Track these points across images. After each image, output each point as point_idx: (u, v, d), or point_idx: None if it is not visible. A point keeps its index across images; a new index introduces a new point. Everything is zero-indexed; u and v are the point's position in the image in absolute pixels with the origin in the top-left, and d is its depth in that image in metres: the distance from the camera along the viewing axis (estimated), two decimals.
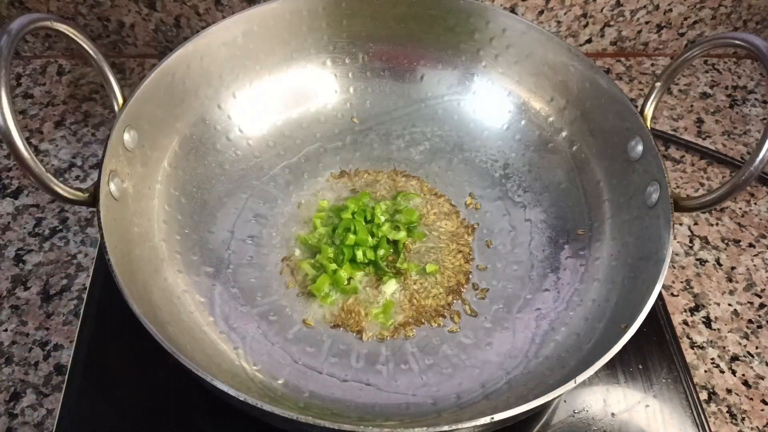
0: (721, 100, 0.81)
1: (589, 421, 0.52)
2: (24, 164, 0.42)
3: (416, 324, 0.55)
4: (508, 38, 0.63)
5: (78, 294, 0.59)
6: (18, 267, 0.60)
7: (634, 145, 0.55)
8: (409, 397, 0.50)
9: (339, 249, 0.57)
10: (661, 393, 0.54)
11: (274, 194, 0.62)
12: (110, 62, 0.56)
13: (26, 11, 0.76)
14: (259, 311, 0.55)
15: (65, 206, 0.65)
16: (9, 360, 0.55)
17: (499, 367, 0.52)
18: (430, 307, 0.56)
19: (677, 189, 0.71)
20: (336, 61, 0.67)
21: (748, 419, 0.55)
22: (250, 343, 0.52)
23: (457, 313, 0.56)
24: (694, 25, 0.83)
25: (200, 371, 0.40)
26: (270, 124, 0.65)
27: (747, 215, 0.69)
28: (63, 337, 0.56)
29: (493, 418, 0.40)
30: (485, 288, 0.58)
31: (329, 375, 0.51)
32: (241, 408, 0.43)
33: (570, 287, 0.56)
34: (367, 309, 0.55)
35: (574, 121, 0.62)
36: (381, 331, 0.54)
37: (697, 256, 0.66)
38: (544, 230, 0.61)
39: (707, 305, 0.62)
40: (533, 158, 0.64)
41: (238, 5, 0.76)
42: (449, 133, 0.67)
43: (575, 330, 0.53)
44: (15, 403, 0.52)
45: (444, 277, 0.58)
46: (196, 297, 0.54)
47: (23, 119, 0.73)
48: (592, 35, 0.83)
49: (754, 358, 0.59)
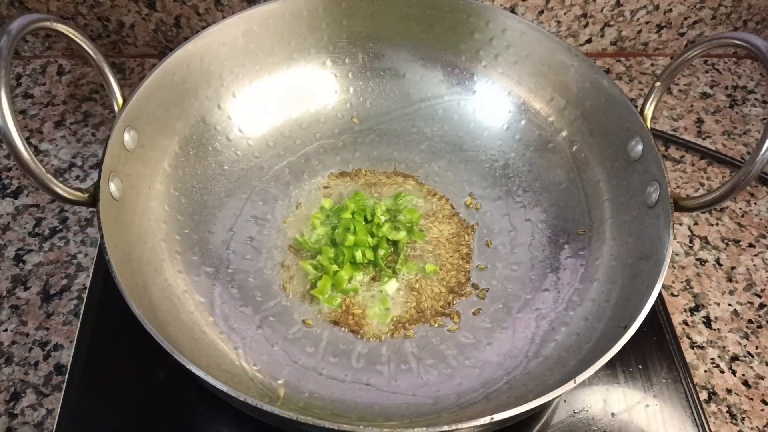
0: (721, 100, 0.81)
1: (589, 421, 0.52)
2: (24, 164, 0.42)
3: (416, 324, 0.55)
4: (508, 38, 0.63)
5: (78, 294, 0.59)
6: (18, 267, 0.60)
7: (634, 145, 0.55)
8: (409, 398, 0.50)
9: (339, 250, 0.57)
10: (661, 393, 0.54)
11: (274, 194, 0.62)
12: (110, 62, 0.56)
13: (26, 11, 0.76)
14: (258, 311, 0.55)
15: (65, 206, 0.65)
16: (9, 360, 0.55)
17: (498, 367, 0.52)
18: (430, 306, 0.56)
19: (677, 189, 0.71)
20: (336, 61, 0.67)
21: (748, 419, 0.55)
22: (249, 343, 0.52)
23: (457, 313, 0.56)
24: (694, 25, 0.83)
25: (200, 371, 0.40)
26: (270, 124, 0.65)
27: (747, 215, 0.69)
28: (63, 337, 0.56)
29: (493, 418, 0.40)
30: (485, 288, 0.58)
31: (329, 375, 0.51)
32: (241, 408, 0.43)
33: (570, 287, 0.56)
34: (367, 309, 0.55)
35: (574, 121, 0.62)
36: (381, 331, 0.55)
37: (697, 256, 0.66)
38: (544, 230, 0.61)
39: (707, 305, 0.62)
40: (533, 158, 0.64)
41: (238, 5, 0.76)
42: (449, 133, 0.67)
43: (575, 330, 0.53)
44: (15, 403, 0.52)
45: (444, 276, 0.58)
46: (196, 297, 0.54)
47: (23, 119, 0.73)
48: (592, 35, 0.83)
49: (754, 358, 0.59)
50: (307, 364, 0.52)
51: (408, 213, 0.60)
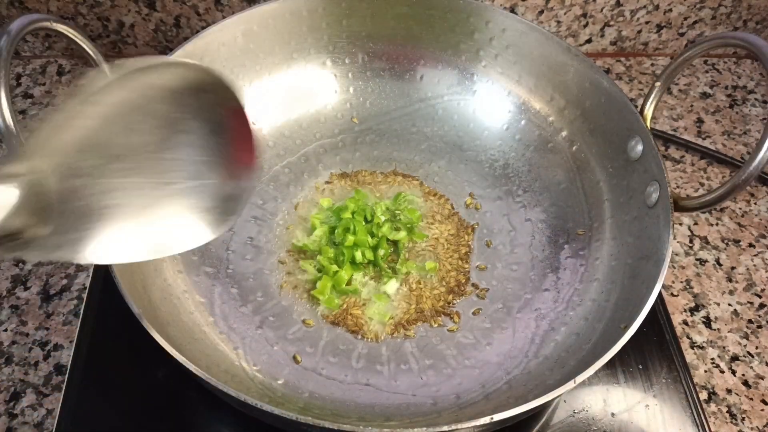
0: (721, 100, 0.81)
1: (589, 421, 0.52)
2: None
3: (416, 324, 0.55)
4: (507, 38, 0.63)
5: (78, 294, 0.59)
6: (18, 267, 0.60)
7: (634, 145, 0.55)
8: (409, 398, 0.50)
9: (339, 250, 0.57)
10: (661, 393, 0.54)
11: (273, 194, 0.62)
12: (110, 62, 0.56)
13: (26, 11, 0.76)
14: (258, 311, 0.55)
15: None
16: (9, 360, 0.55)
17: (498, 367, 0.52)
18: (430, 306, 0.56)
19: (677, 189, 0.71)
20: (336, 61, 0.67)
21: (748, 419, 0.55)
22: (249, 343, 0.52)
23: (457, 313, 0.56)
24: (694, 24, 0.83)
25: (200, 371, 0.40)
26: (270, 124, 0.65)
27: (747, 215, 0.69)
28: (63, 337, 0.56)
29: (493, 418, 0.40)
30: (485, 288, 0.58)
31: (329, 375, 0.51)
32: (241, 408, 0.43)
33: (570, 287, 0.56)
34: (366, 309, 0.55)
35: (574, 121, 0.62)
36: (381, 331, 0.54)
37: (697, 256, 0.66)
38: (544, 230, 0.61)
39: (707, 305, 0.62)
40: (533, 158, 0.64)
41: (238, 5, 0.76)
42: (449, 133, 0.67)
43: (575, 330, 0.53)
44: (15, 403, 0.52)
45: (444, 276, 0.58)
46: (196, 297, 0.54)
47: (23, 119, 0.73)
48: (592, 35, 0.83)
49: (754, 358, 0.59)
50: (306, 365, 0.52)
51: (408, 213, 0.60)
